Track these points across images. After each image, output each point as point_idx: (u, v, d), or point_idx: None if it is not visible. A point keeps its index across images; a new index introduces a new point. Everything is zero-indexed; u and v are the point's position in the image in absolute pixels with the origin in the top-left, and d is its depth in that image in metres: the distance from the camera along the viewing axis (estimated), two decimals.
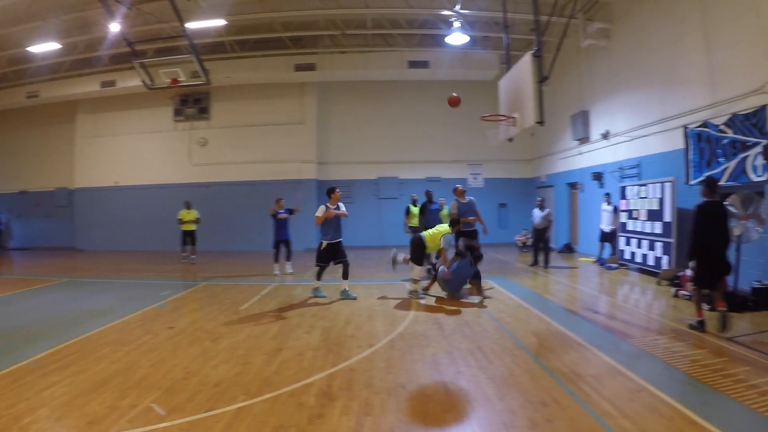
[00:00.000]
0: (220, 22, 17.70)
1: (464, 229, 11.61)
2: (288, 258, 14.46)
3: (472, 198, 12.59)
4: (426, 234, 10.42)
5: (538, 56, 10.13)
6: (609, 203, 14.98)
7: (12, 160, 26.51)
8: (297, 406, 4.75)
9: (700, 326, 7.29)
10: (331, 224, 10.22)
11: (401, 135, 23.23)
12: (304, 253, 18.66)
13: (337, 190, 10.58)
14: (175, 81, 16.21)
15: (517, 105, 10.50)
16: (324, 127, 23.43)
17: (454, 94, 11.13)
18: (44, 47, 19.26)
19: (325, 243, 10.28)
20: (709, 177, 9.28)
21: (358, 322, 8.30)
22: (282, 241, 14.46)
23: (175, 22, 16.56)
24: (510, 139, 11.92)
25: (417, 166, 22.96)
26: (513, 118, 10.61)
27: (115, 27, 17.01)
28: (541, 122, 9.99)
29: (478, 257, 10.26)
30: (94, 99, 23.95)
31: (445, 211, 13.84)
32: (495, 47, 19.94)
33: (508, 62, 12.52)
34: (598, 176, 16.49)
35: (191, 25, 16.71)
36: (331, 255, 10.36)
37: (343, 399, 4.89)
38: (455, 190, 12.41)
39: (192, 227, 17.57)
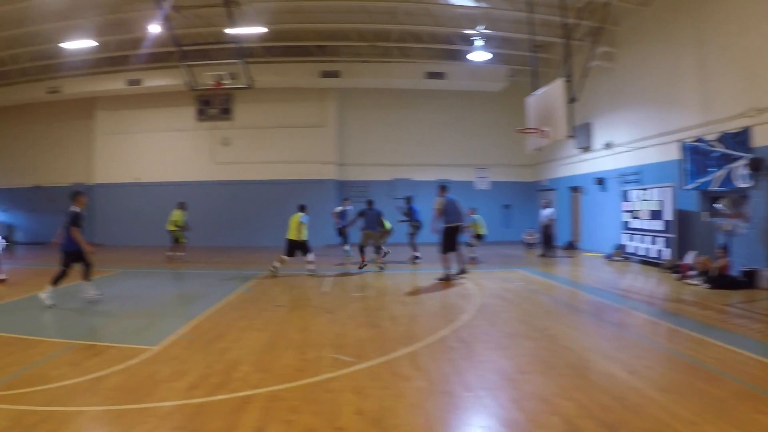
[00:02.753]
0: (261, 30, 19.48)
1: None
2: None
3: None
4: None
5: (569, 80, 12.96)
6: None
7: (26, 155, 28.05)
8: (446, 348, 6.63)
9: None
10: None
11: (415, 139, 25.81)
12: (325, 249, 20.90)
13: None
14: (218, 83, 18.00)
15: (549, 121, 13.31)
16: (343, 130, 25.84)
17: None
18: (78, 44, 20.65)
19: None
20: None
21: (441, 297, 10.79)
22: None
23: (217, 27, 18.84)
24: (538, 149, 14.70)
25: (429, 168, 25.48)
26: (545, 131, 13.41)
27: (155, 28, 18.94)
28: (572, 136, 12.86)
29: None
30: (114, 96, 25.73)
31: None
32: (504, 62, 22.80)
33: (535, 81, 15.31)
34: (600, 181, 19.39)
35: (232, 31, 18.56)
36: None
37: (481, 342, 7.08)
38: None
39: (171, 227, 18.79)
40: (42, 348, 6.71)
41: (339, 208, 18.64)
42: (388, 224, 15.74)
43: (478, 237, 18.63)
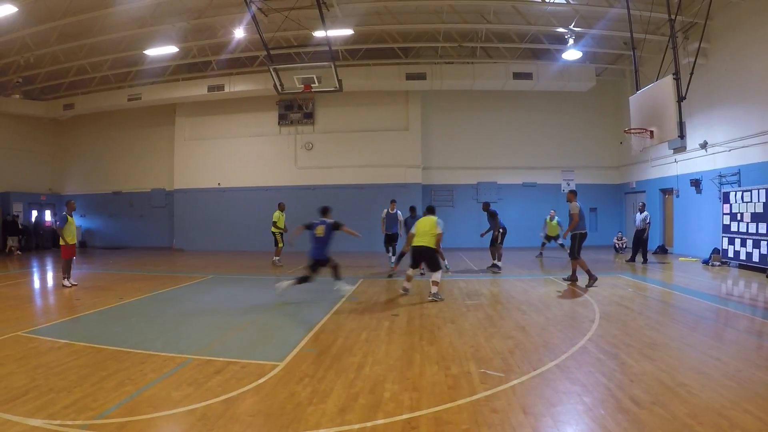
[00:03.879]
0: (348, 32, 20.10)
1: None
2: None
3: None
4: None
5: (677, 78, 12.92)
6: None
7: (105, 162, 29.29)
8: (593, 359, 6.51)
9: None
10: None
11: (499, 142, 25.89)
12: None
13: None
14: (308, 87, 18.31)
15: (655, 121, 13.27)
16: (427, 134, 26.00)
17: None
18: (161, 51, 21.44)
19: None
20: None
21: (557, 305, 10.76)
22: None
23: (303, 30, 19.26)
24: (641, 150, 14.67)
25: (514, 171, 25.53)
26: (651, 131, 13.40)
27: (239, 33, 19.72)
28: (681, 136, 12.84)
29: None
30: (194, 103, 26.59)
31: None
32: (591, 61, 22.73)
33: (637, 80, 15.26)
34: (696, 183, 19.09)
35: (319, 33, 19.00)
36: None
37: (625, 352, 6.94)
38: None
39: (272, 230, 18.85)
40: (154, 363, 6.54)
41: (385, 211, 17.80)
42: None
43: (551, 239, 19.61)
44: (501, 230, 16.71)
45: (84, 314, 9.84)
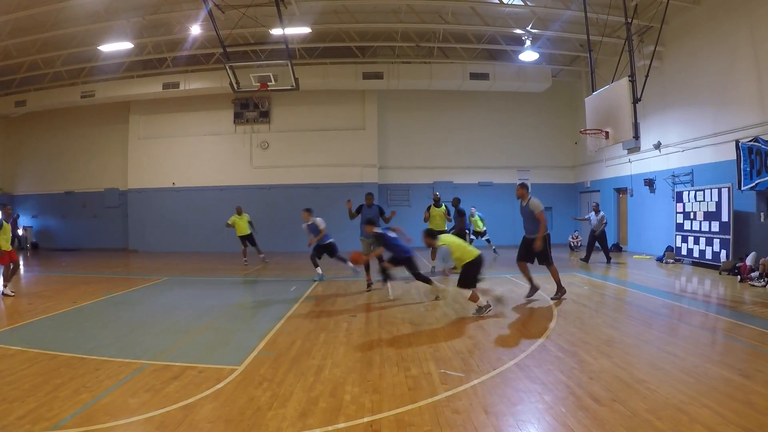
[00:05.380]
0: (305, 30, 20.13)
1: None
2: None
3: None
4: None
5: (632, 80, 13.34)
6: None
7: (58, 161, 28.72)
8: (552, 357, 6.70)
9: None
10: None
11: (456, 142, 26.18)
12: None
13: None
14: (264, 85, 18.20)
15: (611, 122, 13.67)
16: (384, 133, 26.19)
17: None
18: (115, 47, 21.11)
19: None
20: None
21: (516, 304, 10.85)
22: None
23: (259, 28, 19.20)
24: (596, 150, 15.10)
25: (470, 171, 25.85)
26: (606, 132, 13.82)
27: (196, 29, 19.54)
28: (636, 137, 13.29)
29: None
30: (148, 101, 26.26)
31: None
32: (548, 62, 23.13)
33: (593, 82, 15.63)
34: (650, 182, 19.62)
35: (275, 32, 19.05)
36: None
37: (583, 350, 7.50)
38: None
39: (247, 231, 18.92)
40: (109, 370, 6.45)
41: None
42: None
43: (478, 234, 19.92)
44: (467, 231, 16.99)
45: (36, 319, 9.67)
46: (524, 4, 18.52)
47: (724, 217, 15.29)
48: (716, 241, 15.60)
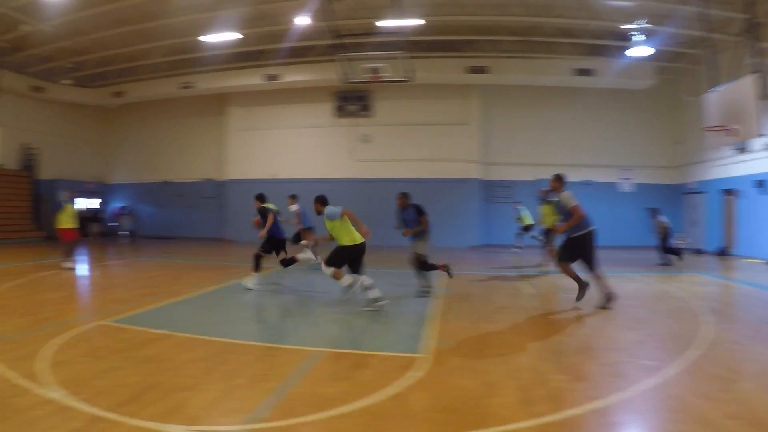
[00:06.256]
0: (416, 22, 20.01)
1: None
2: None
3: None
4: None
5: (760, 75, 13.11)
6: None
7: (154, 151, 29.99)
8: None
9: None
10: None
11: (558, 139, 25.84)
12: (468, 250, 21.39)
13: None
14: (376, 76, 18.52)
15: (737, 118, 13.51)
16: (487, 129, 26.04)
17: None
18: (219, 38, 21.53)
19: None
20: None
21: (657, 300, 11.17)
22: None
23: (368, 19, 19.40)
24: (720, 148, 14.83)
25: (572, 169, 24.23)
26: (733, 129, 13.62)
27: (303, 20, 19.64)
28: (762, 134, 13.06)
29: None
30: (246, 92, 26.92)
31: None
32: (654, 59, 22.44)
33: (711, 79, 15.43)
34: (761, 183, 19.20)
35: (385, 23, 19.25)
36: None
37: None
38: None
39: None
40: (279, 356, 6.48)
41: None
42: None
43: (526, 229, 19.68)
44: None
45: (169, 303, 9.88)
46: None
47: None
48: None
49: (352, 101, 26.40)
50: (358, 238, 9.33)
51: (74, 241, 15.43)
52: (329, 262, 9.21)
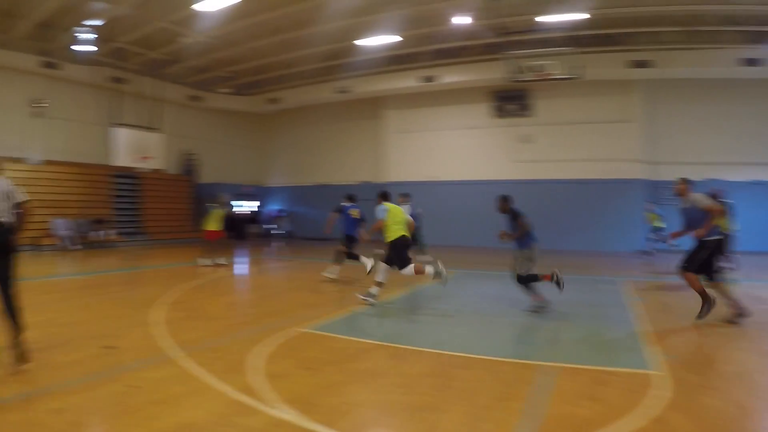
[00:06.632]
0: (580, 16, 19.43)
1: None
2: None
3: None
4: None
5: None
6: None
7: (311, 154, 31.28)
8: None
9: None
10: None
11: (725, 135, 23.84)
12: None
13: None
14: (543, 74, 18.43)
15: None
16: (650, 126, 24.62)
17: None
18: (376, 41, 22.06)
19: None
20: None
21: None
22: None
23: (529, 15, 19.33)
24: None
25: (742, 168, 23.37)
26: None
27: (463, 20, 19.77)
28: None
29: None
30: (402, 95, 27.52)
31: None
32: None
33: None
34: None
35: (545, 18, 19.18)
36: None
37: None
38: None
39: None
40: (511, 372, 6.08)
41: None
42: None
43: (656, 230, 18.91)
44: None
45: (357, 309, 9.68)
46: None
47: None
48: None
49: (510, 101, 26.13)
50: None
51: (217, 241, 16.99)
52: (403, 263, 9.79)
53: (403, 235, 10.15)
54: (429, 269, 9.81)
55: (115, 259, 19.92)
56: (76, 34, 20.07)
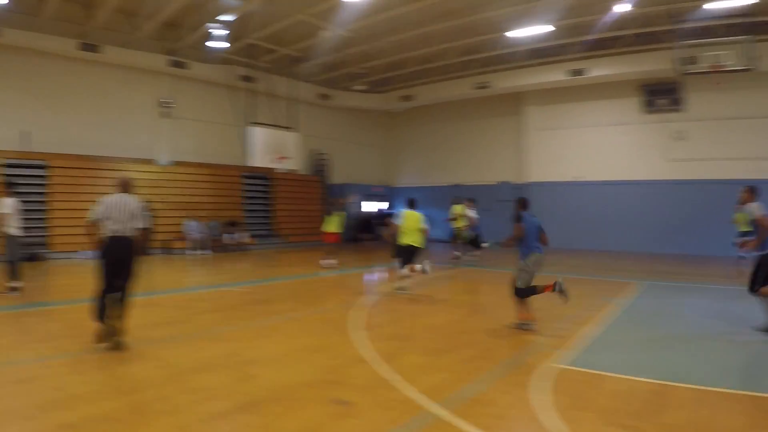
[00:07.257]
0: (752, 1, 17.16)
1: None
2: None
3: None
4: None
5: None
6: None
7: (444, 153, 30.33)
8: None
9: None
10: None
11: None
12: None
13: None
14: (717, 66, 16.87)
15: None
16: None
17: None
18: (529, 32, 20.57)
19: None
20: None
21: None
22: None
23: (693, 1, 17.55)
24: None
25: None
26: None
27: (623, 8, 18.22)
28: None
29: None
30: (543, 90, 26.12)
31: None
32: None
33: None
34: None
35: (710, 6, 17.32)
36: None
37: None
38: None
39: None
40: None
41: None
42: None
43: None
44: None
45: (600, 332, 8.58)
46: None
47: None
48: None
49: (662, 95, 23.97)
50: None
51: (335, 244, 17.98)
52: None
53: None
54: (418, 267, 11.81)
55: (258, 265, 19.69)
56: (209, 30, 20.00)
